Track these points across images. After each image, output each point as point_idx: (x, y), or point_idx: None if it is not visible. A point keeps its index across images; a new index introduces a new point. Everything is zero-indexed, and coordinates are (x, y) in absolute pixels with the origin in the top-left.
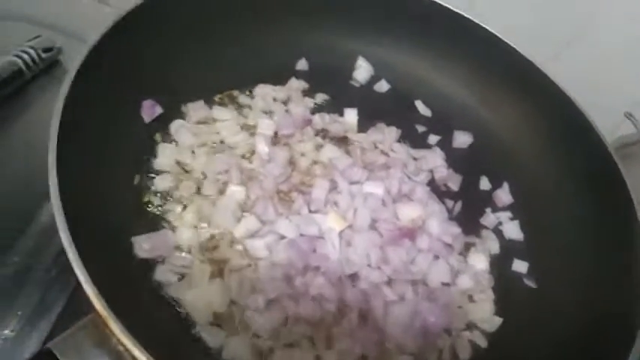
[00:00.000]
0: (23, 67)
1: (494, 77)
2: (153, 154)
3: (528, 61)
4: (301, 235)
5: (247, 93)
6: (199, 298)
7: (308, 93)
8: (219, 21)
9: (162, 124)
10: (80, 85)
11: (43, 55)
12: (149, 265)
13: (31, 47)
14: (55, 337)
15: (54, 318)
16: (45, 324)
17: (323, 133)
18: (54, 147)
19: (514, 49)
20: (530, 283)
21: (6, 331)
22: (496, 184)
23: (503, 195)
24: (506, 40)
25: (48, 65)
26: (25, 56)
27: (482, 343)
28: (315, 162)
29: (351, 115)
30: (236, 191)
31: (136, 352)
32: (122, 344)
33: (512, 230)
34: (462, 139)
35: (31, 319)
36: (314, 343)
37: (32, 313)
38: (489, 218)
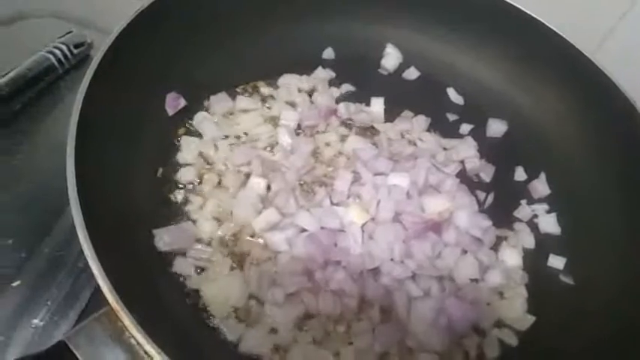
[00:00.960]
0: (55, 63)
1: (532, 61)
2: (177, 147)
3: (570, 43)
4: (322, 228)
5: (271, 84)
6: (218, 291)
7: (334, 82)
8: (243, 11)
9: (186, 116)
10: (102, 78)
11: (75, 51)
12: (169, 257)
13: (63, 43)
14: None
15: (81, 308)
16: (73, 314)
17: (349, 123)
18: (73, 139)
19: (554, 31)
20: (568, 280)
21: (35, 320)
22: (532, 175)
23: (540, 186)
24: (545, 22)
25: (79, 61)
26: (57, 52)
27: (513, 342)
28: (339, 153)
29: (377, 105)
30: (257, 183)
31: (147, 346)
32: (134, 337)
33: (549, 224)
34: (497, 128)
35: (59, 308)
36: (333, 339)
37: (61, 303)
38: (524, 211)
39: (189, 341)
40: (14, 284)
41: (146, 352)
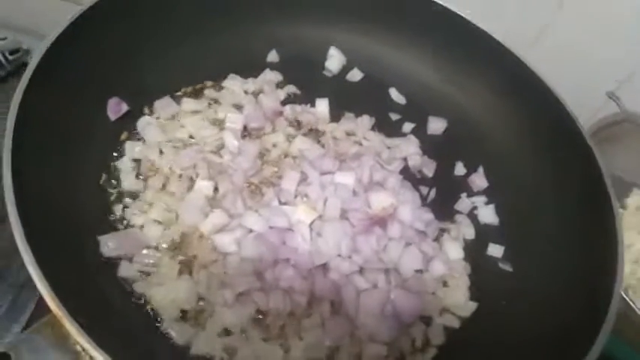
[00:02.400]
0: None
1: (468, 62)
2: (120, 152)
3: (503, 46)
4: (270, 227)
5: (216, 87)
6: (167, 294)
7: (279, 84)
8: (184, 14)
9: (129, 121)
10: (38, 84)
11: (10, 57)
12: (116, 262)
13: None
14: None
15: (25, 321)
16: (17, 327)
17: (296, 124)
18: (9, 148)
19: (488, 34)
20: (506, 267)
21: None
22: (471, 169)
23: (478, 179)
24: (479, 26)
25: (15, 68)
26: None
27: (457, 328)
28: (286, 154)
29: (322, 105)
30: (204, 186)
31: (93, 351)
32: (79, 343)
33: (488, 214)
34: (437, 125)
35: (2, 322)
36: (284, 336)
37: (3, 316)
38: (464, 203)
39: (140, 346)
40: None
41: (92, 358)
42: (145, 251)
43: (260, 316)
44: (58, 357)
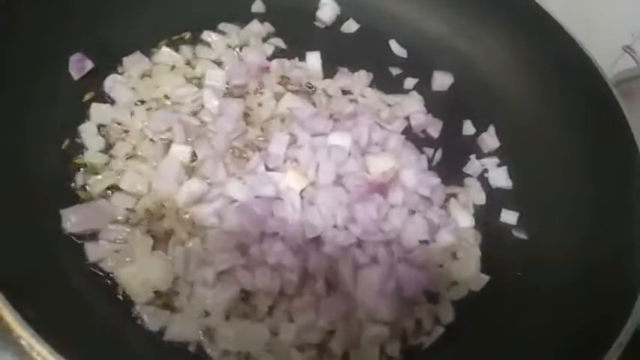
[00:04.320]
0: None
1: (476, 9)
2: (85, 115)
3: None
4: (256, 197)
5: (194, 41)
6: (138, 273)
7: (266, 38)
8: None
9: (95, 81)
10: None
11: None
12: (80, 239)
13: None
14: None
15: None
16: None
17: (283, 81)
18: None
19: None
20: (521, 235)
21: None
22: (481, 128)
23: (489, 139)
24: None
25: None
26: None
27: (467, 303)
28: (273, 114)
29: (313, 59)
30: (180, 151)
31: (37, 346)
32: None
33: (500, 177)
34: (442, 81)
35: None
36: (272, 319)
37: None
38: (474, 165)
39: (104, 334)
40: None
41: (39, 354)
42: (112, 226)
43: (245, 297)
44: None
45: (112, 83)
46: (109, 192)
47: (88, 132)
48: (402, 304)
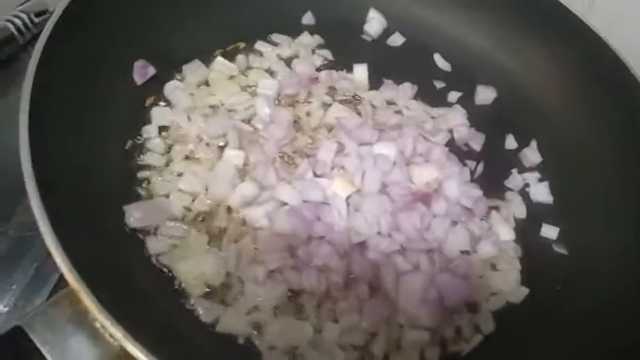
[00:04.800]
0: (15, 33)
1: (521, 24)
2: (147, 118)
3: (560, 3)
4: (304, 201)
5: (248, 50)
6: (193, 268)
7: (314, 49)
8: None
9: (156, 86)
10: (60, 41)
11: (36, 20)
12: (141, 234)
13: (23, 11)
14: None
15: (48, 292)
16: (39, 299)
17: (331, 92)
18: (26, 108)
19: None
20: (561, 250)
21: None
22: (523, 143)
23: (531, 154)
24: None
25: (41, 30)
26: (17, 21)
27: (507, 315)
28: (321, 123)
29: (360, 72)
30: (233, 156)
31: (112, 328)
32: (98, 320)
33: (541, 192)
34: (485, 95)
35: (24, 293)
36: (318, 318)
37: (26, 287)
38: (515, 180)
39: (163, 323)
40: None
41: (112, 336)
42: (170, 223)
43: (293, 296)
44: (74, 333)
45: (171, 89)
46: (168, 191)
47: (149, 134)
48: (443, 312)
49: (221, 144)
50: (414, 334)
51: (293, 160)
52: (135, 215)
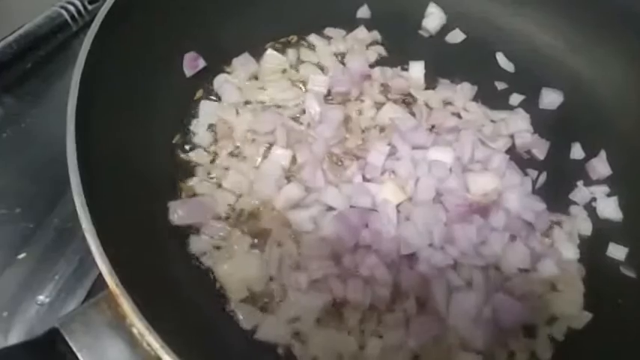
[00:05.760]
0: (68, 19)
1: (594, 23)
2: (195, 112)
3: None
4: (352, 206)
5: (299, 44)
6: (235, 270)
7: (368, 44)
8: None
9: (205, 79)
10: (110, 31)
11: (89, 7)
12: (184, 233)
13: None
14: None
15: (90, 285)
16: (81, 291)
17: (384, 89)
18: (74, 97)
19: None
20: (630, 273)
21: (41, 297)
22: (591, 153)
23: (600, 165)
24: None
25: (94, 17)
26: (71, 7)
27: (566, 342)
28: (373, 123)
29: (416, 69)
30: (281, 154)
31: (149, 337)
32: (135, 326)
33: (609, 208)
34: (551, 99)
35: (67, 284)
36: (361, 331)
37: (69, 278)
38: (581, 193)
39: (201, 328)
40: (20, 256)
41: (149, 344)
42: (214, 222)
43: (336, 307)
44: (112, 337)
45: (220, 82)
46: (213, 188)
47: (197, 128)
48: (496, 335)
49: (268, 142)
50: (466, 357)
51: (342, 162)
52: (179, 212)
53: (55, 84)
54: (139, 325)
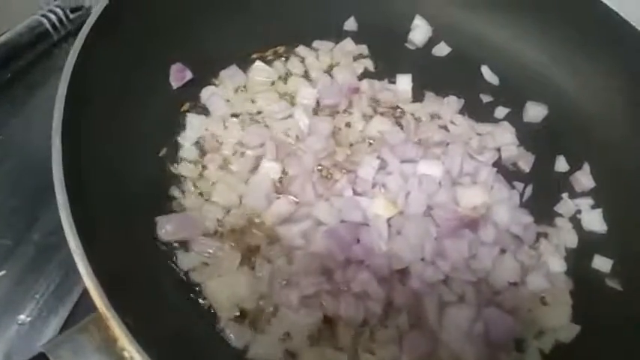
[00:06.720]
0: (50, 29)
1: (580, 40)
2: (181, 124)
3: (624, 20)
4: (342, 221)
5: (287, 54)
6: (224, 287)
7: (356, 57)
8: None
9: (192, 91)
10: (96, 43)
11: (71, 16)
12: (171, 250)
13: (58, 6)
14: (70, 327)
15: (73, 303)
16: (64, 310)
17: (372, 102)
18: (60, 110)
19: (612, 10)
20: (614, 285)
21: (22, 316)
22: (575, 166)
23: (584, 178)
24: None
25: (76, 27)
26: (52, 16)
27: (555, 355)
28: (362, 136)
29: (403, 82)
30: (270, 168)
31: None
32: (127, 350)
33: (594, 220)
34: (535, 112)
35: (49, 303)
36: (353, 347)
37: (50, 296)
38: (566, 205)
39: (193, 348)
40: None
41: None
42: (203, 238)
43: (327, 323)
44: None
45: (208, 95)
46: (200, 203)
47: (185, 141)
48: (488, 349)
49: (257, 155)
50: None
51: (331, 175)
52: (167, 227)
53: (35, 93)
54: (131, 350)
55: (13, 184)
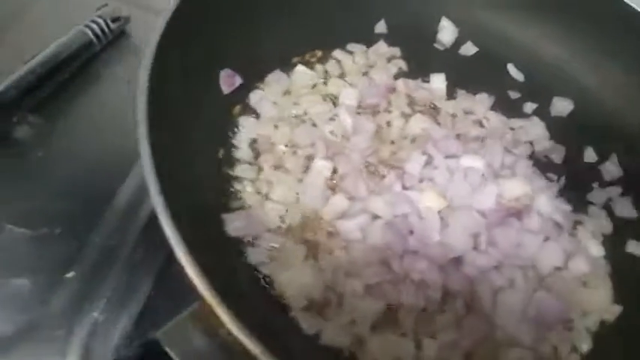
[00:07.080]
0: (93, 39)
1: (596, 33)
2: (236, 128)
3: (638, 14)
4: (395, 215)
5: (325, 58)
6: (292, 280)
7: (389, 58)
8: None
9: (243, 95)
10: (159, 57)
11: (112, 25)
12: (240, 245)
13: (100, 17)
14: (145, 320)
15: (143, 299)
16: (134, 306)
17: (410, 101)
18: (144, 120)
19: (627, 3)
20: None
21: (94, 314)
22: (603, 156)
23: (612, 167)
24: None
25: (115, 36)
26: (95, 26)
27: (602, 334)
28: (403, 134)
29: (438, 81)
30: (323, 166)
31: (249, 343)
32: (232, 334)
33: (624, 207)
34: (562, 106)
35: (120, 300)
36: (416, 333)
37: (121, 295)
38: (597, 194)
39: (274, 333)
40: (68, 275)
41: (244, 349)
42: (268, 234)
43: (390, 310)
44: (209, 347)
45: (257, 99)
46: (261, 201)
47: (240, 143)
48: (540, 330)
49: (309, 154)
50: (516, 353)
51: (377, 171)
52: (235, 224)
53: (80, 102)
54: (238, 333)
55: (69, 190)
